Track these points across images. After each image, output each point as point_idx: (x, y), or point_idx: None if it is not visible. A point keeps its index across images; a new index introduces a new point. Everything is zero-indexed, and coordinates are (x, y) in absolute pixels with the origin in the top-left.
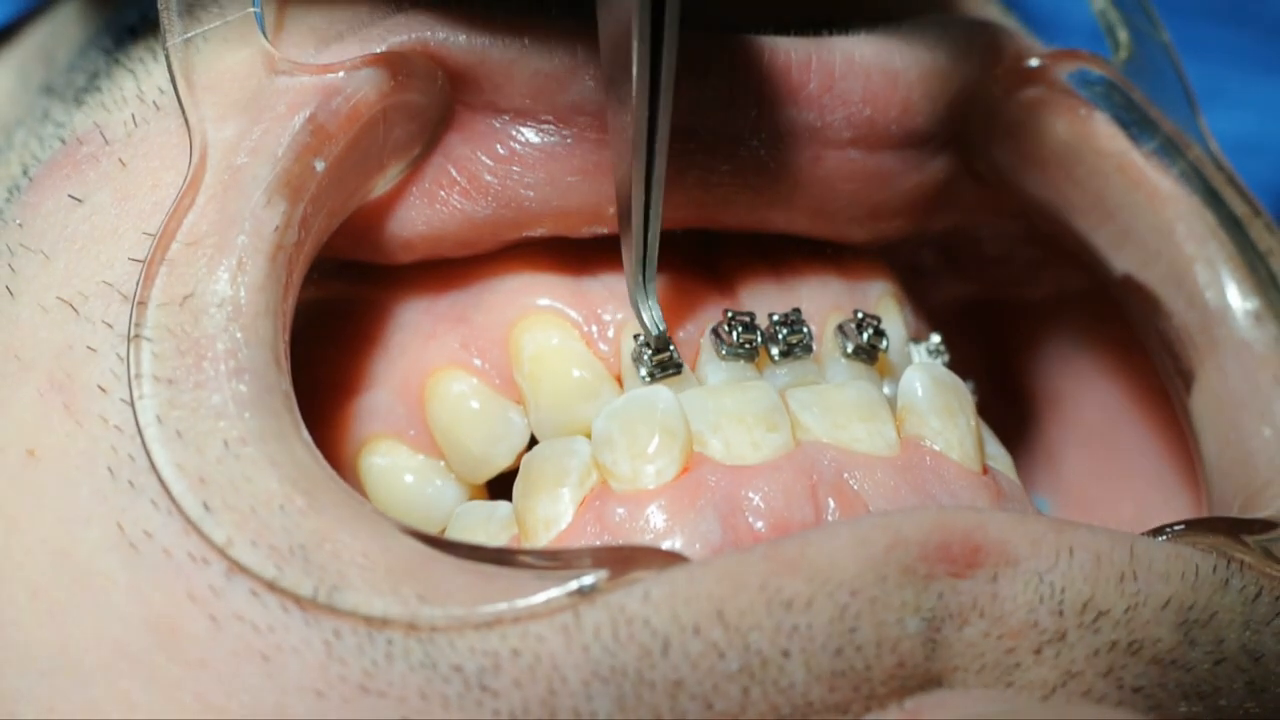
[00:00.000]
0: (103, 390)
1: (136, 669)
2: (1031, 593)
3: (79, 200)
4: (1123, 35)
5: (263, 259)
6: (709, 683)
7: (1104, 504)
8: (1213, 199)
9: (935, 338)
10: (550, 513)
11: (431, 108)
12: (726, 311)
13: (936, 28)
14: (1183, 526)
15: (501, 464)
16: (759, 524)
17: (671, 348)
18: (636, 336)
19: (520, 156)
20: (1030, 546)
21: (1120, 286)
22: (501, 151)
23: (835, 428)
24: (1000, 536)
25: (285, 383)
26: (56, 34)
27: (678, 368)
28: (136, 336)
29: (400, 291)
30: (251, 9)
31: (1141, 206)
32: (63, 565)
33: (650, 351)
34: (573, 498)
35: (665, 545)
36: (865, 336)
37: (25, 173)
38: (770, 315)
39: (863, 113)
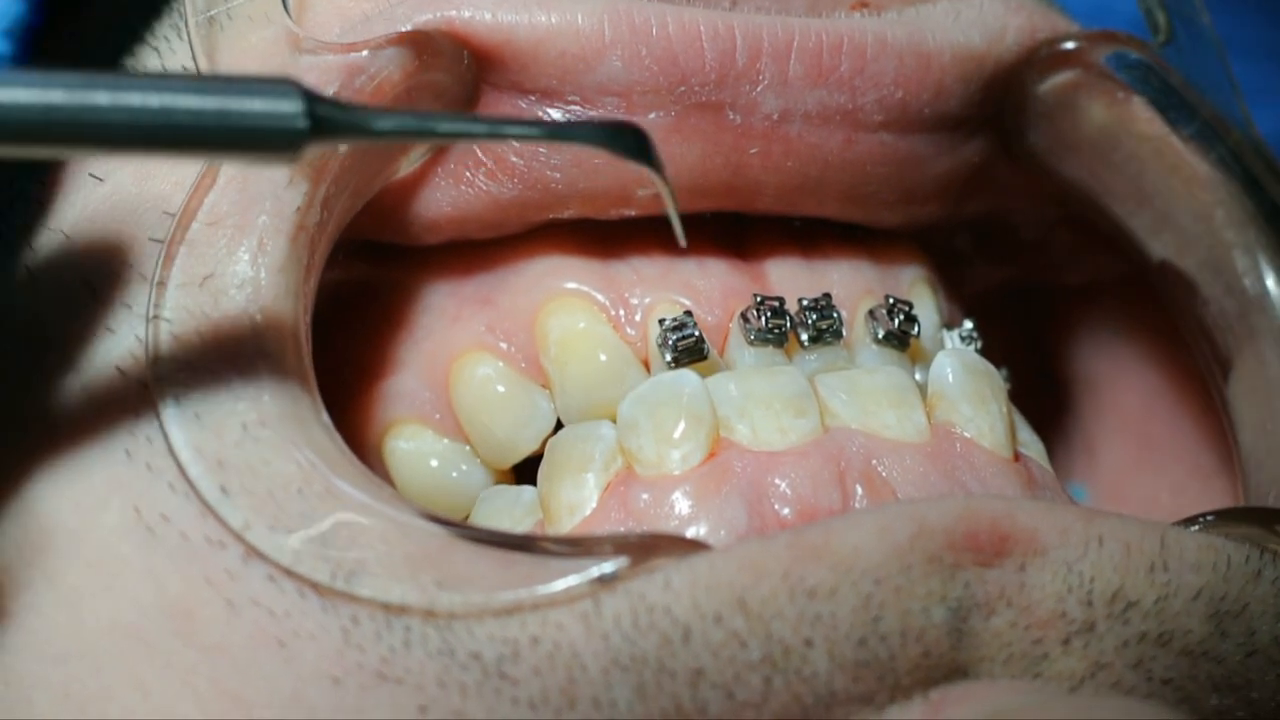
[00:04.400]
0: (121, 372)
1: (151, 654)
2: (1060, 582)
3: (100, 179)
4: (1161, 18)
5: (284, 239)
6: (730, 672)
7: (1141, 492)
8: (1252, 185)
9: (968, 324)
10: (575, 498)
11: (457, 87)
12: (755, 296)
13: (971, 10)
14: (1214, 517)
15: (527, 448)
16: (785, 511)
17: (697, 332)
18: (662, 320)
19: None
20: (1059, 536)
21: (1158, 272)
22: None
23: (864, 414)
24: (1028, 525)
25: (306, 365)
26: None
27: (703, 353)
28: (155, 318)
29: (425, 273)
30: None
31: (1179, 192)
32: (78, 549)
33: (676, 336)
34: (597, 483)
35: (690, 531)
36: (896, 322)
37: None
38: (800, 300)
39: (895, 95)
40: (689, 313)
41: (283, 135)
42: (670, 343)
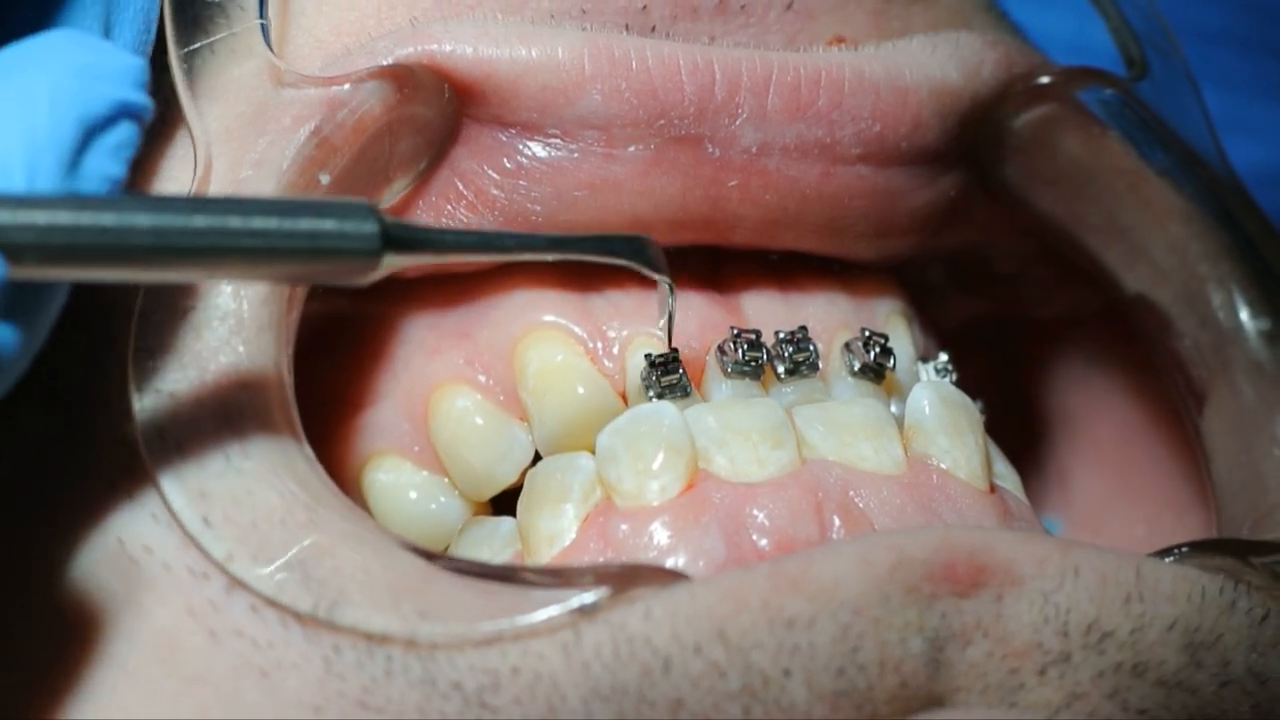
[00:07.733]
0: (104, 403)
1: (134, 684)
2: (1036, 613)
3: None
4: (1136, 53)
5: None
6: (710, 702)
7: (1115, 524)
8: (1226, 218)
9: (943, 356)
10: (553, 529)
11: (438, 121)
12: (732, 329)
13: (947, 45)
14: (1189, 548)
15: (505, 480)
16: (763, 542)
17: (681, 371)
18: (647, 356)
19: (527, 171)
20: (1036, 566)
21: (1132, 305)
22: (508, 165)
23: (841, 445)
24: (1006, 556)
25: (288, 397)
26: None
27: (685, 391)
28: (136, 349)
29: (405, 307)
30: (257, 21)
31: (1154, 225)
32: (61, 579)
33: (660, 373)
34: (576, 514)
35: (669, 562)
36: (872, 355)
37: None
38: (776, 333)
39: (872, 129)
40: (676, 351)
41: (363, 252)
42: (653, 380)
